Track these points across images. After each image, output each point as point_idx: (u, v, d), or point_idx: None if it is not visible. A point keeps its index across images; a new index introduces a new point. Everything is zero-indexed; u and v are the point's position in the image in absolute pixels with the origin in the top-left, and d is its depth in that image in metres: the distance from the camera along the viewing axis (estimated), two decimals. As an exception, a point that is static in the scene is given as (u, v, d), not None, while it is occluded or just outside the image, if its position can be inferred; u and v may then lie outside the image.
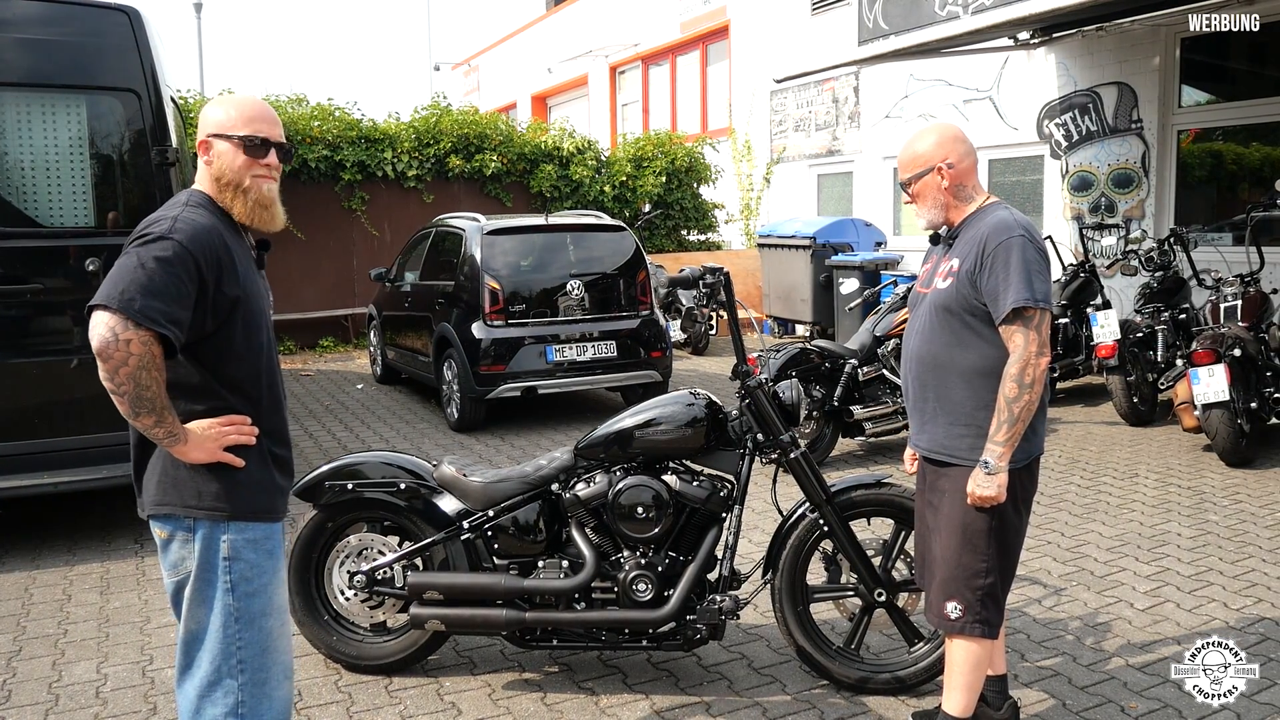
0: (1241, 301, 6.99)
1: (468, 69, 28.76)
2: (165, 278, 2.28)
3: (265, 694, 2.48)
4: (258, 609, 2.47)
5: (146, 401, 2.29)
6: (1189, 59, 9.57)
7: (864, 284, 10.44)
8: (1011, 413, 2.86)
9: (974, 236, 2.97)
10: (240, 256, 2.46)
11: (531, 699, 3.65)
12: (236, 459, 2.43)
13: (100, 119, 5.23)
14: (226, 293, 2.39)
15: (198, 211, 2.42)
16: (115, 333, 2.24)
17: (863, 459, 7.04)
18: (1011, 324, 2.86)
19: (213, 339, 2.41)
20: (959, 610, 3.01)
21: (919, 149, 3.06)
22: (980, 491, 2.90)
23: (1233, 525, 5.41)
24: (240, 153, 2.46)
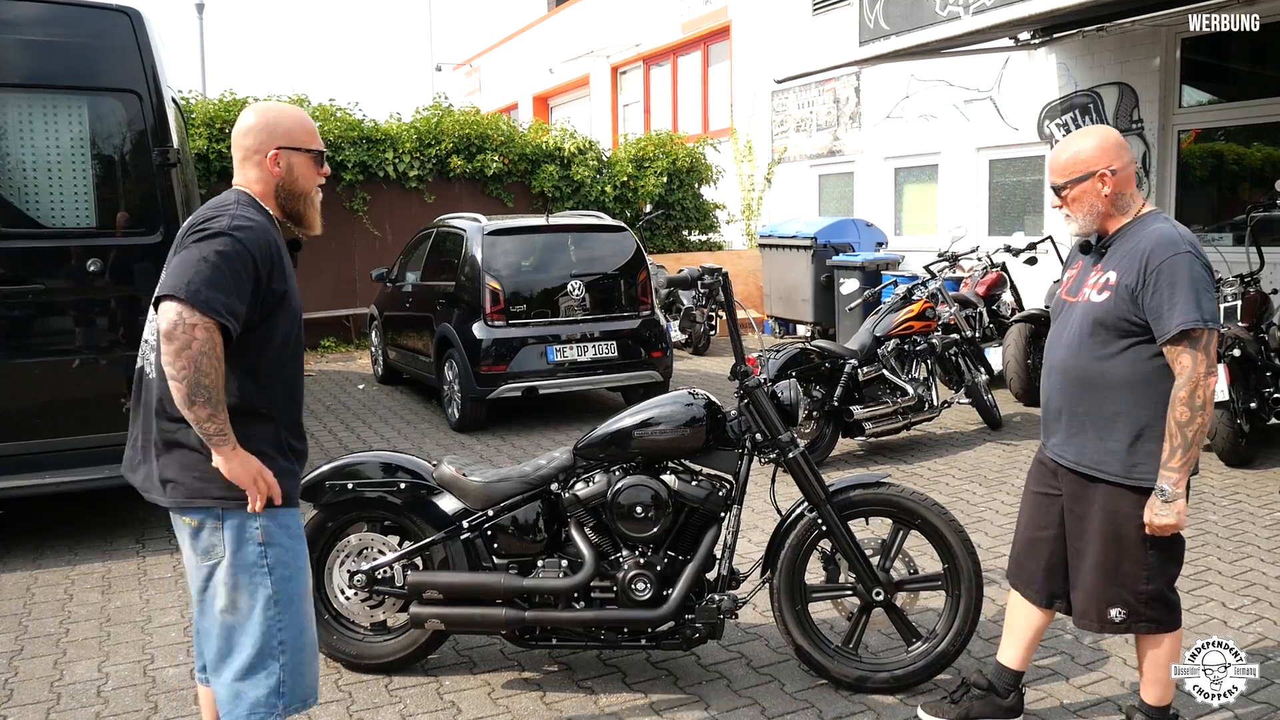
0: (1241, 302, 6.98)
1: (469, 69, 28.78)
2: (226, 271, 2.41)
3: (302, 671, 2.62)
4: (295, 591, 2.59)
5: (204, 389, 2.37)
6: (1189, 59, 9.57)
7: (865, 284, 10.44)
8: (1185, 436, 2.79)
9: (1134, 249, 2.88)
10: (285, 253, 2.60)
11: (531, 698, 3.67)
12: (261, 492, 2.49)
13: (101, 120, 5.25)
14: (275, 287, 2.53)
15: (249, 210, 2.56)
16: (182, 317, 2.36)
17: (863, 459, 7.04)
18: (1178, 344, 2.78)
19: (255, 332, 2.52)
20: (1123, 614, 3.00)
21: (1079, 152, 2.96)
22: (1160, 520, 2.85)
23: (1231, 525, 5.41)
24: (313, 166, 2.68)
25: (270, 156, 2.62)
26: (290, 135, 2.64)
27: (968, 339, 7.60)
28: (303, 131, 2.66)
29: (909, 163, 12.91)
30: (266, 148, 2.62)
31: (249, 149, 2.63)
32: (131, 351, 5.25)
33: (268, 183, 2.65)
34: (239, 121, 2.67)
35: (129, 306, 5.30)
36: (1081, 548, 3.07)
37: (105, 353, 5.27)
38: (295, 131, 2.65)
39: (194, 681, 3.80)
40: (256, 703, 2.55)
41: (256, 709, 2.55)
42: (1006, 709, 3.37)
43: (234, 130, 2.68)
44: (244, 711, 2.56)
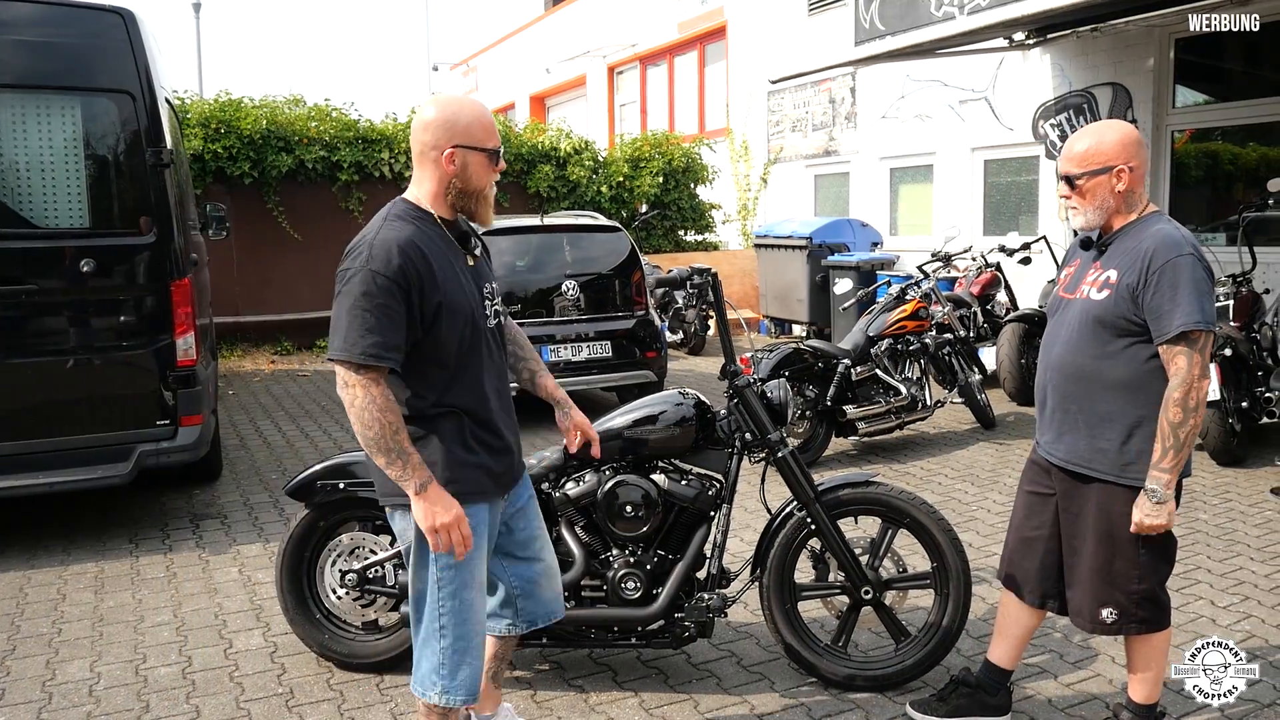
0: (1234, 301, 7.00)
1: (466, 69, 28.79)
2: (372, 311, 2.47)
3: (463, 662, 2.72)
4: (459, 580, 2.68)
5: (372, 441, 2.50)
6: (1183, 60, 9.60)
7: (859, 284, 10.46)
8: (1177, 438, 2.80)
9: (1135, 249, 2.88)
10: (438, 257, 2.60)
11: (521, 696, 3.68)
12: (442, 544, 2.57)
13: (95, 120, 5.26)
14: (429, 299, 2.55)
15: (394, 226, 2.57)
16: (345, 381, 2.50)
17: (856, 458, 7.06)
18: (1176, 345, 2.78)
19: (422, 344, 2.59)
20: (1114, 615, 3.01)
21: (1101, 145, 2.93)
22: (1149, 521, 2.86)
23: (1221, 524, 5.43)
24: (489, 164, 2.67)
25: (446, 155, 2.61)
26: (468, 133, 2.62)
27: (961, 339, 7.62)
28: (480, 129, 2.63)
29: (904, 163, 12.93)
30: (443, 145, 2.61)
31: (426, 145, 2.62)
32: (126, 351, 5.31)
33: (441, 180, 2.65)
34: (419, 115, 2.66)
35: (122, 307, 5.31)
36: (1076, 546, 3.09)
37: (99, 353, 5.28)
38: (473, 129, 2.62)
39: (185, 681, 3.84)
40: (424, 675, 2.75)
41: (423, 682, 2.75)
42: (994, 707, 3.39)
43: (413, 124, 2.66)
44: (418, 680, 2.77)
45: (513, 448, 2.85)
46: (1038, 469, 3.22)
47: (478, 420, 2.70)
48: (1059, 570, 3.18)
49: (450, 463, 2.64)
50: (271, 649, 4.11)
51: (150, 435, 5.38)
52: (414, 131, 2.65)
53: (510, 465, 2.84)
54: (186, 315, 5.40)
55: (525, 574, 3.02)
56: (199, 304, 5.87)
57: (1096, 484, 2.99)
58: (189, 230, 5.99)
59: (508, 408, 2.84)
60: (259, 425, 8.46)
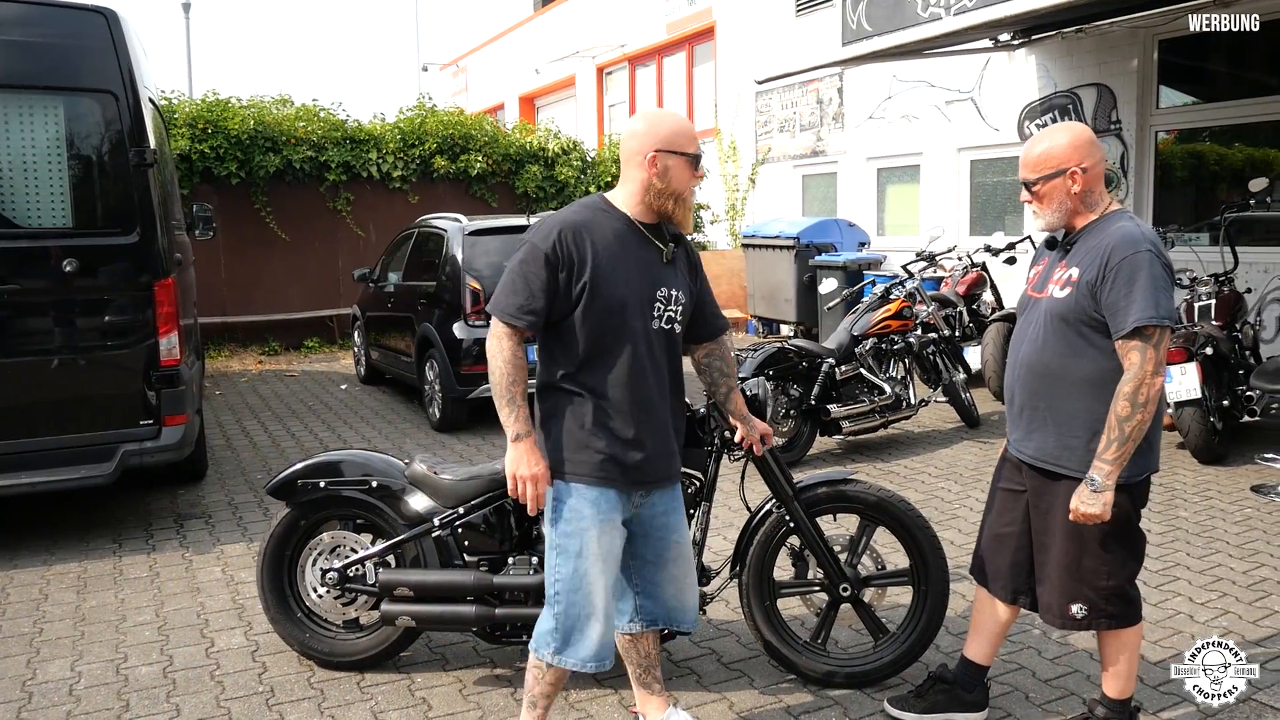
0: (1216, 301, 7.05)
1: (455, 70, 28.76)
2: (521, 276, 2.80)
3: (578, 629, 2.91)
4: (573, 548, 2.87)
5: (493, 385, 2.83)
6: (1167, 61, 9.64)
7: (846, 284, 10.49)
8: (1122, 431, 2.82)
9: (1097, 246, 2.91)
10: (607, 245, 2.83)
11: (502, 694, 3.69)
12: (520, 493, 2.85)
13: (78, 120, 5.26)
14: (577, 280, 2.79)
15: (574, 210, 2.90)
16: (491, 331, 2.84)
17: (840, 457, 7.08)
18: (1131, 340, 2.81)
19: (564, 322, 2.84)
20: (1084, 610, 3.04)
21: (1051, 149, 2.98)
22: (1085, 509, 2.88)
23: (1202, 522, 5.47)
24: (689, 169, 2.89)
25: (649, 158, 2.83)
26: (669, 140, 2.84)
27: (945, 338, 7.65)
28: (681, 137, 2.87)
29: (891, 163, 12.96)
30: (647, 149, 2.84)
31: (632, 150, 2.87)
32: (110, 351, 5.31)
33: (640, 183, 2.87)
34: (628, 125, 2.92)
35: (106, 306, 5.31)
36: (1046, 543, 3.11)
37: (83, 353, 5.28)
38: (674, 137, 2.85)
39: (166, 680, 3.84)
40: (541, 633, 2.97)
41: (540, 639, 2.98)
42: (971, 703, 3.41)
43: (623, 134, 2.93)
44: (536, 635, 3.00)
45: (648, 447, 2.93)
46: (1010, 466, 3.25)
47: (609, 408, 2.86)
48: (1030, 567, 3.20)
49: (568, 441, 2.87)
50: (253, 648, 4.12)
51: (134, 435, 5.38)
52: (622, 140, 2.93)
53: (642, 463, 2.92)
54: (170, 315, 5.40)
55: (652, 577, 3.13)
56: (183, 304, 5.87)
57: (1065, 481, 3.00)
58: (173, 230, 5.99)
59: (655, 411, 2.94)
60: (245, 425, 8.45)
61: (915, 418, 7.67)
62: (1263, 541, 5.13)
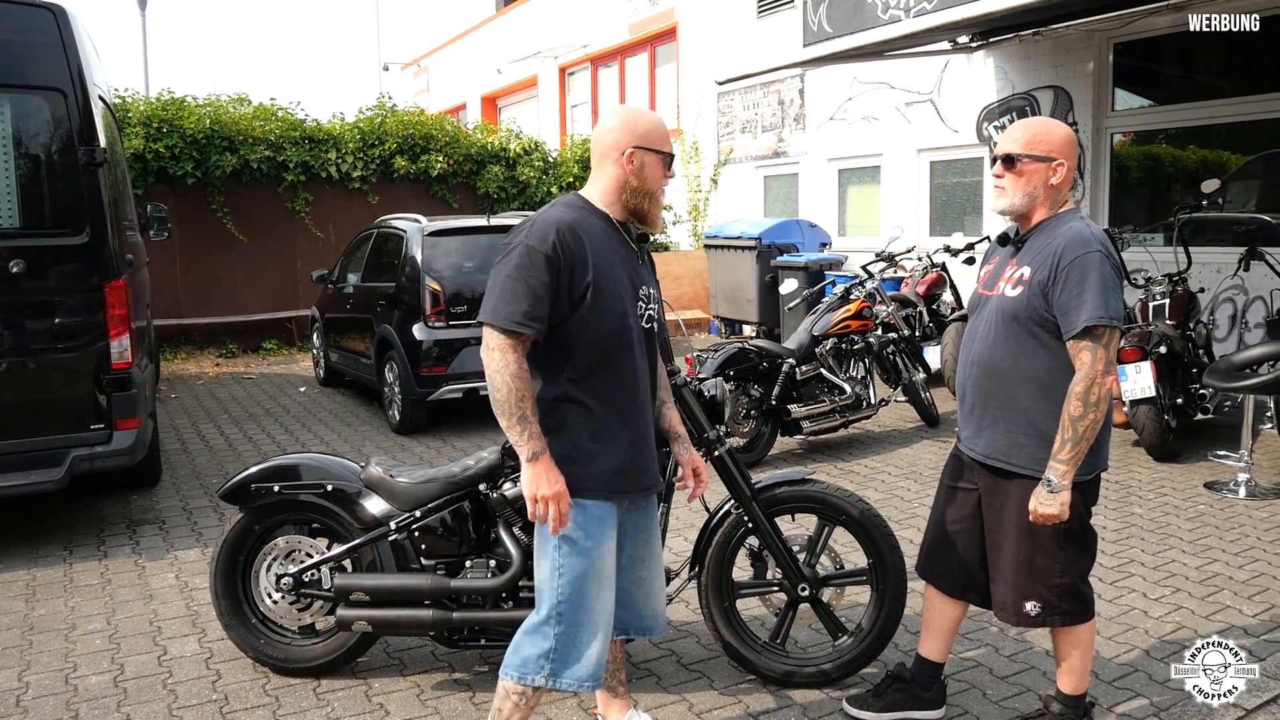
0: (1169, 300, 7.15)
1: (417, 69, 28.58)
2: (521, 281, 2.63)
3: (577, 648, 2.79)
4: (579, 568, 2.76)
5: (499, 403, 2.63)
6: (1122, 64, 9.76)
7: (807, 284, 10.53)
8: (1076, 431, 2.84)
9: (1048, 246, 2.93)
10: (596, 244, 2.74)
11: (460, 699, 3.66)
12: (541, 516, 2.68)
13: (26, 118, 5.15)
14: (579, 280, 2.68)
15: (560, 210, 2.76)
16: (488, 344, 2.65)
17: (801, 457, 7.10)
18: (1081, 340, 2.83)
19: (564, 326, 2.70)
20: (1037, 608, 3.04)
21: (1049, 134, 2.99)
22: (1043, 510, 2.90)
23: (1156, 518, 5.54)
24: (662, 166, 2.84)
25: (627, 155, 2.78)
26: (647, 137, 2.80)
27: (905, 338, 7.70)
28: (657, 134, 2.83)
29: (852, 164, 13.03)
30: (624, 146, 2.78)
31: (608, 146, 2.80)
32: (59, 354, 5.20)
33: (617, 179, 2.80)
34: (601, 121, 2.84)
35: (55, 308, 5.21)
36: (999, 541, 3.12)
37: (31, 356, 5.17)
38: (651, 134, 2.81)
39: (117, 689, 3.77)
40: (526, 660, 2.80)
41: (525, 665, 2.80)
42: (929, 701, 3.42)
43: (595, 130, 2.85)
44: (515, 662, 2.82)
45: (648, 452, 2.90)
46: (959, 463, 3.27)
47: (616, 415, 2.78)
48: (979, 563, 3.22)
49: (577, 456, 2.74)
50: (207, 655, 4.05)
51: (84, 439, 5.28)
52: (595, 135, 2.85)
53: (647, 469, 2.89)
54: (121, 317, 5.30)
55: (627, 585, 3.06)
56: (136, 306, 5.77)
57: (1016, 479, 3.02)
58: (125, 231, 5.89)
59: (649, 413, 2.91)
60: (201, 429, 8.34)
61: (875, 417, 7.71)
62: (1215, 538, 5.20)
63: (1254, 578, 4.65)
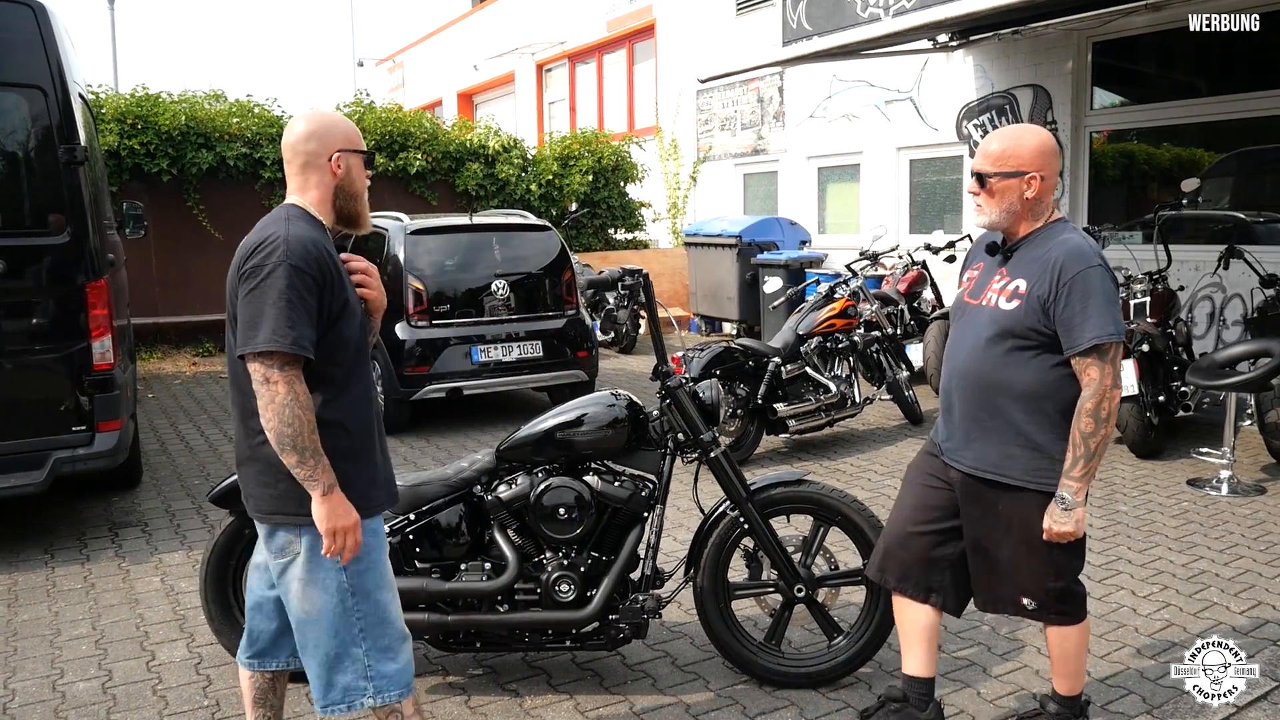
0: (1150, 298, 7.19)
1: (392, 65, 28.43)
2: (295, 303, 2.46)
3: (390, 658, 2.68)
4: (371, 583, 2.64)
5: (289, 439, 2.44)
6: (1100, 63, 9.83)
7: (788, 282, 10.56)
8: (1088, 448, 2.82)
9: (1043, 258, 2.89)
10: (337, 261, 2.63)
11: (455, 702, 3.63)
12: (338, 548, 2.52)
13: (4, 116, 5.08)
14: (337, 296, 2.57)
15: (300, 225, 2.58)
16: (266, 377, 2.44)
17: (786, 456, 7.11)
18: (1088, 357, 2.80)
19: (322, 342, 2.55)
20: (1034, 604, 3.03)
21: (1018, 148, 2.92)
22: (1059, 528, 2.87)
23: (1141, 515, 5.58)
24: (363, 166, 2.75)
25: (334, 159, 2.67)
26: (347, 138, 2.70)
27: (889, 336, 7.73)
28: (355, 134, 2.75)
29: (831, 162, 13.07)
30: (329, 150, 2.67)
31: (312, 153, 2.66)
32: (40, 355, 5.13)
33: (328, 186, 2.68)
34: (292, 129, 2.68)
35: (35, 309, 5.13)
36: (987, 547, 3.06)
37: (11, 357, 5.10)
38: (350, 134, 2.72)
39: (106, 696, 3.72)
40: (348, 688, 2.65)
41: (349, 693, 2.66)
42: None
43: (287, 139, 2.68)
44: (337, 697, 2.66)
45: (388, 461, 2.81)
46: (934, 462, 3.19)
47: (365, 429, 2.68)
48: (946, 565, 3.16)
49: (353, 476, 2.60)
50: (196, 660, 4.01)
51: (66, 442, 5.21)
52: (292, 145, 2.67)
53: (392, 478, 2.81)
54: (103, 317, 5.24)
55: None
56: (116, 305, 5.69)
57: (1009, 491, 2.98)
58: (105, 229, 5.82)
59: (381, 423, 2.81)
60: (180, 429, 8.25)
61: (860, 416, 7.74)
62: (1200, 534, 5.25)
63: (1240, 574, 4.70)
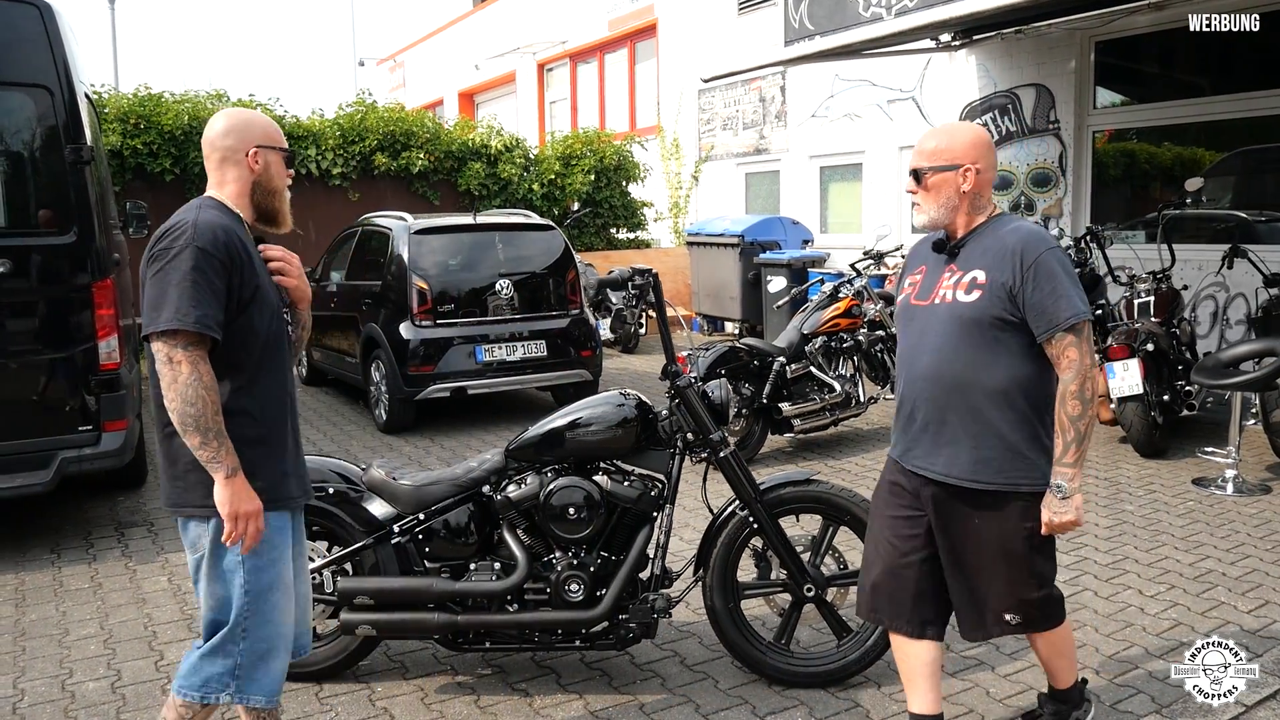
0: (1154, 297, 7.20)
1: (393, 65, 28.42)
2: (200, 283, 2.49)
3: (264, 663, 2.67)
4: (266, 583, 2.64)
5: (192, 419, 2.46)
6: (1103, 62, 9.84)
7: (791, 282, 10.56)
8: (1078, 431, 2.74)
9: (998, 248, 2.80)
10: (252, 250, 2.67)
11: (465, 702, 3.64)
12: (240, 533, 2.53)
13: (11, 115, 5.08)
14: (248, 281, 2.60)
15: (213, 213, 2.62)
16: (169, 357, 2.47)
17: (791, 455, 7.12)
18: (1066, 337, 2.72)
19: (232, 328, 2.58)
20: (1017, 618, 2.93)
21: (950, 143, 2.86)
22: (1059, 518, 2.78)
23: (1146, 514, 5.58)
24: (283, 163, 2.78)
25: (251, 155, 2.71)
26: (266, 135, 2.74)
27: (893, 335, 7.72)
28: (275, 132, 2.78)
29: (834, 161, 13.07)
30: (248, 146, 2.71)
31: (229, 149, 2.70)
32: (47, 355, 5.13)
33: (245, 181, 2.72)
34: (212, 126, 2.73)
35: (42, 309, 5.14)
36: (966, 560, 2.93)
37: (17, 357, 5.10)
38: (269, 131, 2.76)
39: (115, 696, 3.72)
40: (209, 678, 2.65)
41: (209, 684, 2.65)
42: None
43: (207, 135, 2.73)
44: (197, 682, 2.65)
45: (301, 459, 2.84)
46: (900, 490, 3.03)
47: (278, 420, 2.71)
48: (934, 594, 3.02)
49: (255, 467, 2.59)
50: (204, 660, 4.00)
51: (72, 442, 5.21)
52: (211, 141, 2.72)
53: (305, 474, 2.83)
54: (109, 317, 5.24)
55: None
56: (122, 305, 5.70)
57: (985, 495, 2.86)
58: (110, 229, 5.82)
59: (297, 413, 2.84)
60: (185, 429, 8.23)
61: (864, 415, 7.73)
62: (1206, 534, 5.25)
63: (1247, 574, 4.70)
